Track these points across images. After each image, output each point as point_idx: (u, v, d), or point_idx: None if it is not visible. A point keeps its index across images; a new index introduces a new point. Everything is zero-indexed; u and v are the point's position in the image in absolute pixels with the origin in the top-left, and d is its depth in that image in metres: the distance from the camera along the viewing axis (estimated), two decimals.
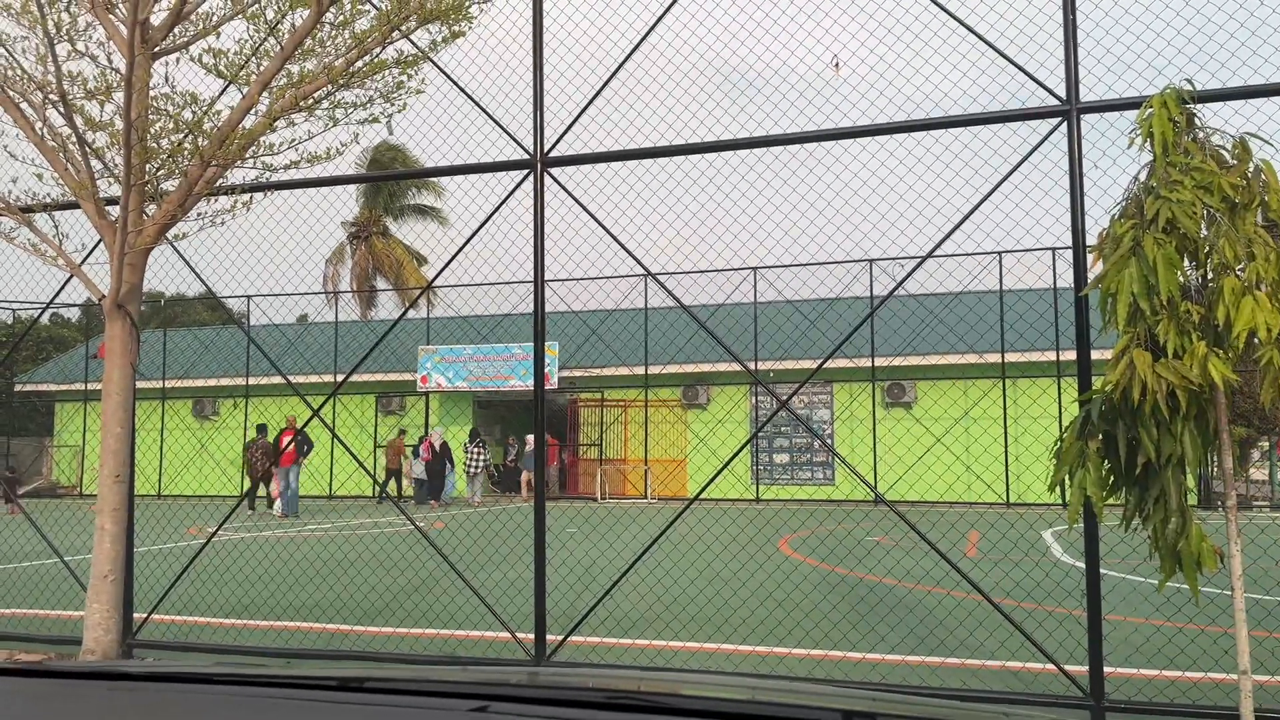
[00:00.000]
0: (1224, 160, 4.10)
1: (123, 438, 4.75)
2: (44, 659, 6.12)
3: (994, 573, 9.43)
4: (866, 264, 21.32)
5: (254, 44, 5.05)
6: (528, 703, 1.13)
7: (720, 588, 8.69)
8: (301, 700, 1.16)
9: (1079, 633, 5.99)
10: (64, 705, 1.20)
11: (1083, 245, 5.18)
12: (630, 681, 1.38)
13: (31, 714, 1.16)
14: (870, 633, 6.79)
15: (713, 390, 24.77)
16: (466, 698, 1.12)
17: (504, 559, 10.51)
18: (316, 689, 1.21)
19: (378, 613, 7.75)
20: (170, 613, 7.48)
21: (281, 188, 6.07)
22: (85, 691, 1.26)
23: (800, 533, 14.78)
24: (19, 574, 10.07)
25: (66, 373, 29.00)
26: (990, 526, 14.88)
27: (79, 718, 1.15)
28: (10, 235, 4.84)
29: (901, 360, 22.75)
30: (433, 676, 1.27)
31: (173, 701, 1.19)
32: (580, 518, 17.66)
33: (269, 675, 1.31)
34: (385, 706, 1.14)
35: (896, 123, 5.69)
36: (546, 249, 6.14)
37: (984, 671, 5.75)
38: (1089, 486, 4.02)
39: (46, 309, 8.42)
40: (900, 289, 6.52)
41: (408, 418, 26.55)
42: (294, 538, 14.25)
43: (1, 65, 4.59)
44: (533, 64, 6.05)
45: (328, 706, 1.13)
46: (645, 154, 6.08)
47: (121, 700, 1.21)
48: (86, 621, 4.88)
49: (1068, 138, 5.28)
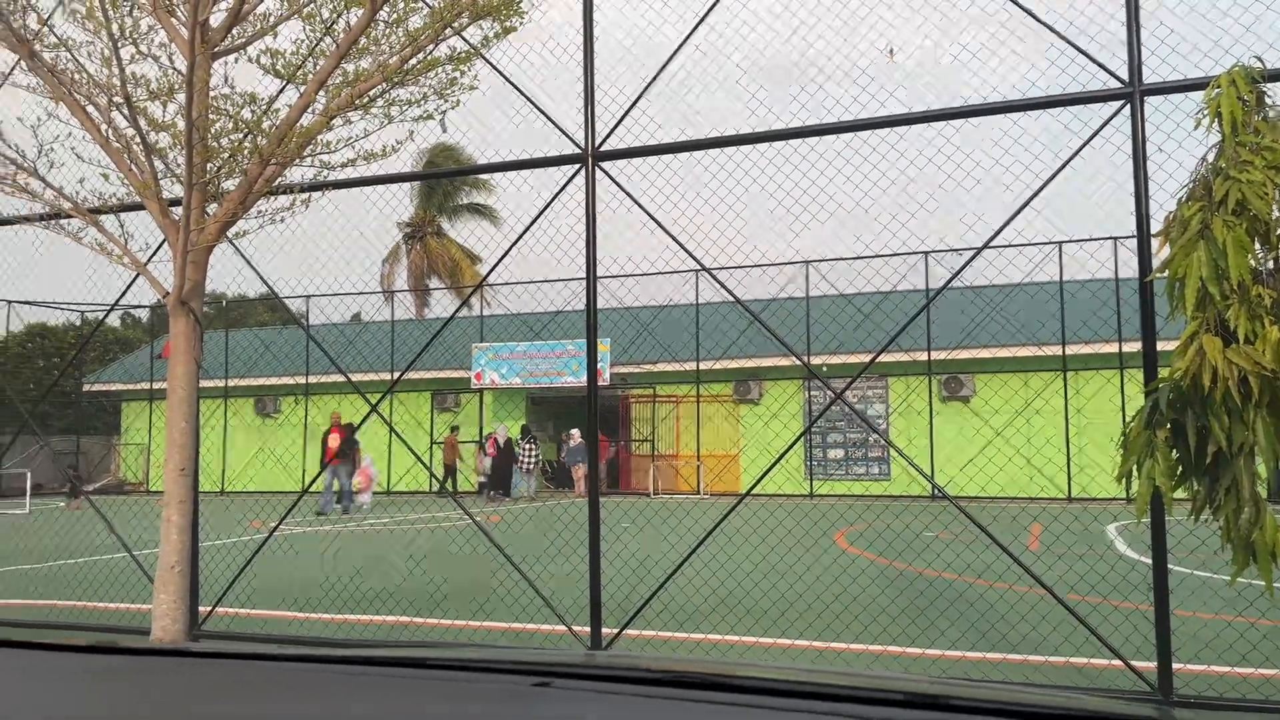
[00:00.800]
0: None
1: (188, 432, 4.86)
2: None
3: (1056, 567, 9.25)
4: (922, 256, 21.04)
5: (310, 44, 5.13)
6: (590, 679, 1.13)
7: (776, 581, 8.64)
8: (367, 677, 1.17)
9: (1145, 627, 5.85)
10: (135, 679, 1.22)
11: (1147, 230, 5.05)
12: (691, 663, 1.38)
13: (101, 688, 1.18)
14: (930, 627, 6.70)
15: (765, 385, 24.64)
16: (529, 674, 1.12)
17: (559, 552, 10.56)
18: (382, 665, 1.22)
19: (436, 605, 7.84)
20: (235, 605, 7.64)
21: (339, 186, 6.16)
22: (155, 666, 1.29)
23: (856, 527, 14.64)
24: (89, 568, 10.36)
25: (132, 373, 29.79)
26: (1052, 520, 14.60)
27: (149, 691, 1.17)
28: (79, 235, 4.97)
29: (959, 353, 22.41)
30: (495, 656, 1.28)
31: (240, 676, 1.21)
32: (633, 512, 17.69)
33: (334, 654, 1.33)
34: (449, 682, 1.14)
35: (953, 108, 5.59)
36: (597, 244, 6.15)
37: (1047, 667, 5.64)
38: (1158, 476, 3.91)
39: (112, 310, 8.63)
40: (957, 280, 6.42)
41: (463, 414, 26.82)
42: (354, 532, 14.47)
43: (69, 69, 4.71)
44: (583, 58, 6.07)
45: (393, 682, 1.13)
46: (697, 145, 6.05)
47: (190, 675, 1.23)
48: (154, 612, 4.99)
49: (1131, 121, 5.15)
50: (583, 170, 6.09)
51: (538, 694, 1.06)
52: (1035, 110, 5.52)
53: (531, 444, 23.38)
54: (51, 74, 4.69)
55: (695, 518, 15.39)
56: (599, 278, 6.21)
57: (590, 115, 6.05)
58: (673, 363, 24.83)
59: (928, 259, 21.16)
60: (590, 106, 6.06)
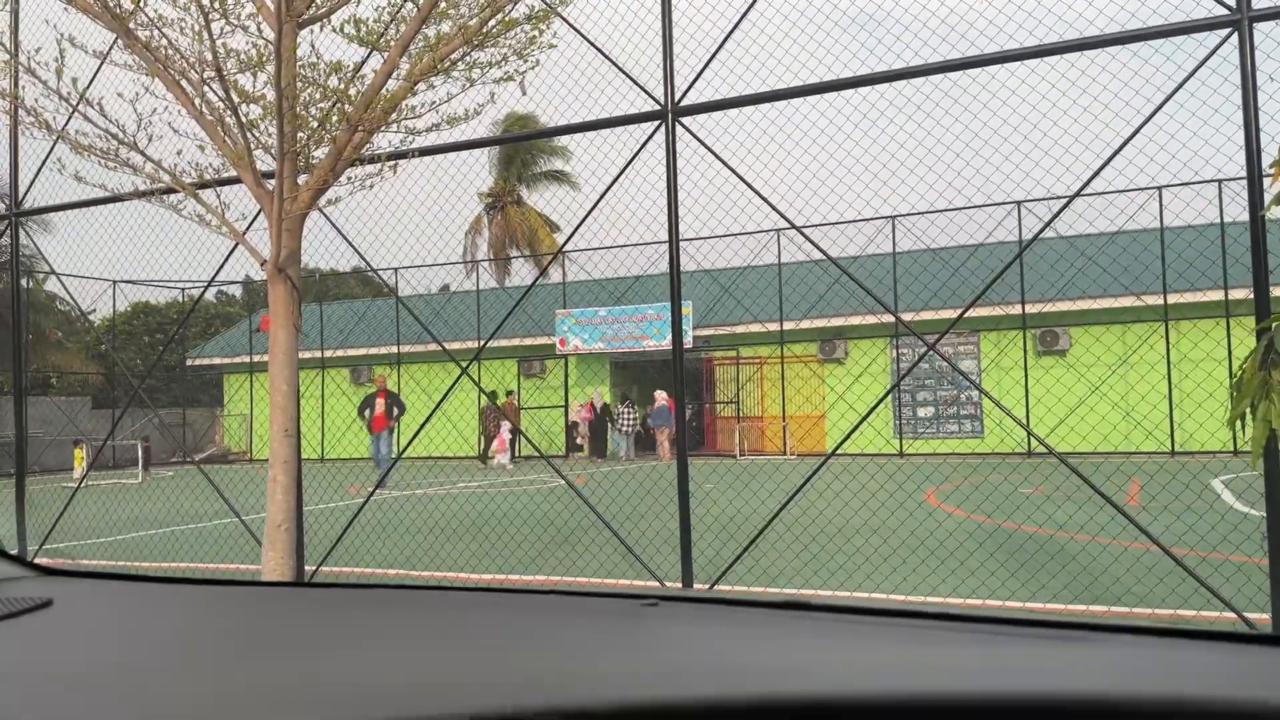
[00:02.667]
0: None
1: (289, 394, 5.01)
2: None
3: (1162, 517, 8.97)
4: (1014, 206, 20.42)
5: (391, 10, 5.18)
6: (698, 602, 1.14)
7: (869, 536, 8.57)
8: (482, 601, 1.20)
9: (1259, 578, 5.64)
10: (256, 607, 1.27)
11: (1258, 165, 4.79)
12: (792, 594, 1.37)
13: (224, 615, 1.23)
14: (1030, 580, 6.57)
15: (850, 344, 24.32)
16: (637, 598, 1.13)
17: (648, 510, 10.65)
18: (495, 592, 1.25)
19: (530, 561, 7.99)
20: (339, 565, 7.91)
21: (424, 154, 6.23)
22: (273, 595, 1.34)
23: (948, 485, 14.41)
24: (200, 533, 10.83)
25: (233, 346, 30.88)
26: (1158, 471, 14.14)
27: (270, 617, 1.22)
28: (179, 207, 5.15)
29: (1054, 306, 21.74)
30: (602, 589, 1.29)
31: (361, 601, 1.24)
32: (721, 471, 17.71)
33: (445, 586, 1.36)
34: (558, 604, 1.16)
35: (1046, 45, 5.37)
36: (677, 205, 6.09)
37: (1153, 619, 5.49)
38: (1274, 419, 3.74)
39: (210, 284, 8.93)
40: (1051, 230, 6.21)
41: (549, 379, 27.14)
42: (445, 495, 14.82)
43: (162, 45, 4.85)
44: (661, 10, 5.99)
45: (509, 602, 1.16)
46: (778, 96, 5.93)
47: (308, 601, 1.27)
48: (264, 569, 5.19)
49: (1239, 49, 4.87)
50: (662, 127, 6.04)
51: (647, 611, 1.07)
52: (1136, 43, 5.26)
53: (629, 408, 24.71)
54: (147, 50, 4.83)
55: (783, 475, 15.34)
56: (681, 240, 6.15)
57: (669, 69, 5.99)
58: (755, 323, 24.66)
59: (1020, 208, 20.52)
60: (669, 60, 5.99)
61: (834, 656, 0.90)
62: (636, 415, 24.88)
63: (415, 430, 7.32)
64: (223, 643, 1.08)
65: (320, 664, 0.95)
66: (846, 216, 17.02)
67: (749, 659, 0.89)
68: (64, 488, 14.93)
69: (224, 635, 1.12)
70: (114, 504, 14.12)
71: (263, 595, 1.35)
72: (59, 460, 24.55)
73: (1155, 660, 0.85)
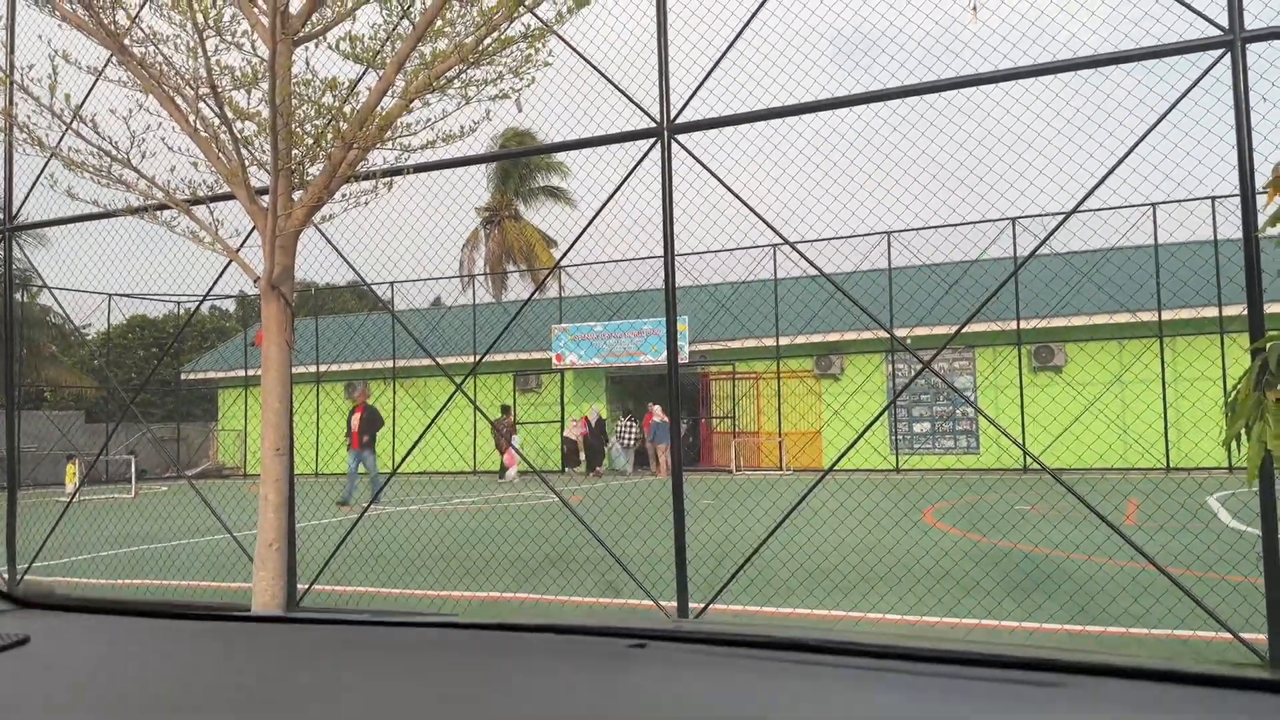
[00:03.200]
0: None
1: (282, 412, 4.98)
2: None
3: (1158, 537, 8.94)
4: (1009, 223, 20.47)
5: (387, 28, 5.18)
6: (687, 642, 1.11)
7: (865, 555, 8.54)
8: (464, 639, 1.17)
9: (1255, 599, 5.61)
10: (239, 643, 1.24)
11: (1251, 184, 4.80)
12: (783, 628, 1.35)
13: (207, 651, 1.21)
14: (1025, 600, 6.53)
15: (846, 360, 24.32)
16: (626, 636, 1.10)
17: (643, 528, 10.60)
18: (478, 629, 1.22)
19: (525, 579, 7.94)
20: (331, 583, 7.86)
21: (419, 170, 6.22)
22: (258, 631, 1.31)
23: (944, 502, 14.38)
24: (192, 549, 10.76)
25: (227, 360, 30.82)
26: (1153, 489, 14.12)
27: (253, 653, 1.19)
28: (172, 224, 5.13)
29: (1049, 322, 21.77)
30: (587, 623, 1.27)
31: (340, 639, 1.22)
32: (716, 487, 17.66)
33: (431, 619, 1.33)
34: (545, 644, 1.14)
35: (1041, 64, 5.37)
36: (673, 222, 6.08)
37: (1150, 640, 5.46)
38: (1269, 439, 3.72)
39: (205, 299, 8.90)
40: (1045, 247, 6.20)
41: (544, 394, 27.11)
42: (440, 511, 14.75)
43: (157, 62, 4.85)
44: (656, 28, 6.00)
45: (490, 643, 1.13)
46: (773, 114, 5.93)
47: (291, 638, 1.25)
48: (254, 589, 5.15)
49: (1232, 70, 4.88)
50: (658, 144, 6.04)
51: (634, 655, 1.05)
52: (1130, 63, 5.27)
53: (630, 422, 25.16)
54: (141, 67, 4.82)
55: (779, 493, 15.30)
56: (677, 255, 6.15)
57: (665, 87, 5.99)
58: (751, 339, 24.67)
59: (1015, 225, 20.58)
60: (665, 79, 5.99)
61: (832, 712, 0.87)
62: (636, 429, 25.01)
63: (410, 446, 7.28)
64: (205, 685, 1.05)
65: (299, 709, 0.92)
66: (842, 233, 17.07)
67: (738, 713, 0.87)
68: (56, 502, 14.85)
69: (207, 677, 1.09)
70: (106, 519, 14.05)
71: (247, 632, 1.32)
72: (52, 475, 24.45)
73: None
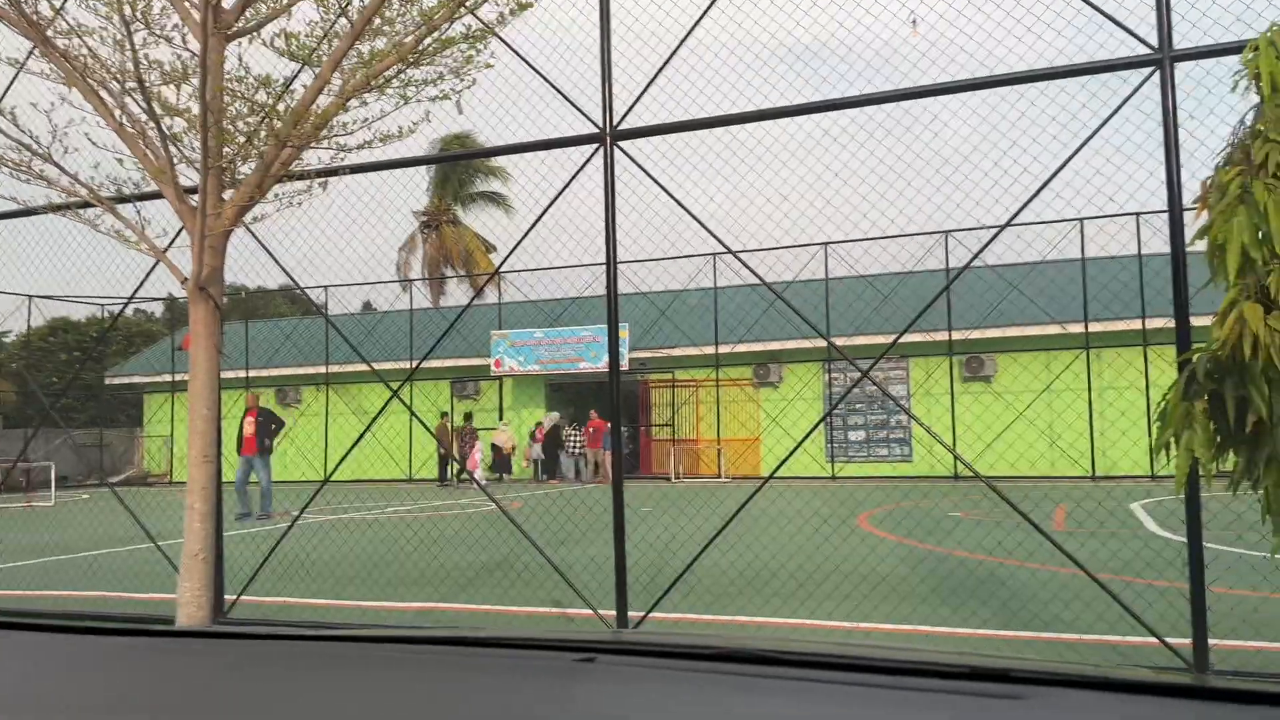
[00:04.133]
0: None
1: (209, 419, 4.83)
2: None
3: (1088, 544, 9.14)
4: (942, 236, 20.84)
5: (324, 25, 5.07)
6: (634, 654, 1.07)
7: (802, 562, 8.58)
8: (398, 654, 1.11)
9: (1180, 604, 5.74)
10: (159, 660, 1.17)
11: (1179, 200, 4.92)
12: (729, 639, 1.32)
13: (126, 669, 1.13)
14: (960, 607, 6.61)
15: (785, 368, 24.52)
16: (571, 650, 1.06)
17: (582, 535, 10.52)
18: (411, 643, 1.17)
19: (461, 589, 7.82)
20: (260, 594, 7.64)
21: (355, 170, 6.09)
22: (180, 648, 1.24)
23: (879, 509, 14.55)
24: (113, 559, 10.41)
25: (154, 365, 29.97)
26: (1082, 497, 14.45)
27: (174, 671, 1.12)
28: (95, 223, 4.95)
29: (980, 333, 22.21)
30: (534, 634, 1.22)
31: (268, 655, 1.15)
32: (656, 495, 17.65)
33: (362, 634, 1.27)
34: (490, 660, 1.09)
35: (977, 79, 5.46)
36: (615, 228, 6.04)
37: (1081, 645, 5.56)
38: (1196, 448, 3.81)
39: (130, 301, 8.63)
40: (979, 260, 6.30)
41: (483, 401, 26.86)
42: (375, 519, 14.49)
43: (81, 55, 4.67)
44: (600, 33, 5.97)
45: (427, 658, 1.08)
46: (715, 123, 5.94)
47: (216, 654, 1.18)
48: (179, 600, 4.98)
49: (1161, 88, 5.01)
50: (600, 150, 6.00)
51: (581, 670, 1.00)
52: (1062, 79, 5.38)
53: (575, 430, 25.08)
54: (64, 59, 4.65)
55: (718, 501, 15.34)
56: (619, 262, 6.11)
57: (608, 93, 5.96)
58: (691, 347, 24.74)
59: (948, 238, 20.96)
60: (608, 84, 5.96)
61: None
62: (582, 438, 24.95)
63: (345, 453, 7.12)
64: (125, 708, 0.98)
65: None
66: (782, 242, 17.24)
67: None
68: None
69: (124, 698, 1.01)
70: (21, 528, 13.53)
71: (168, 649, 1.24)
72: None
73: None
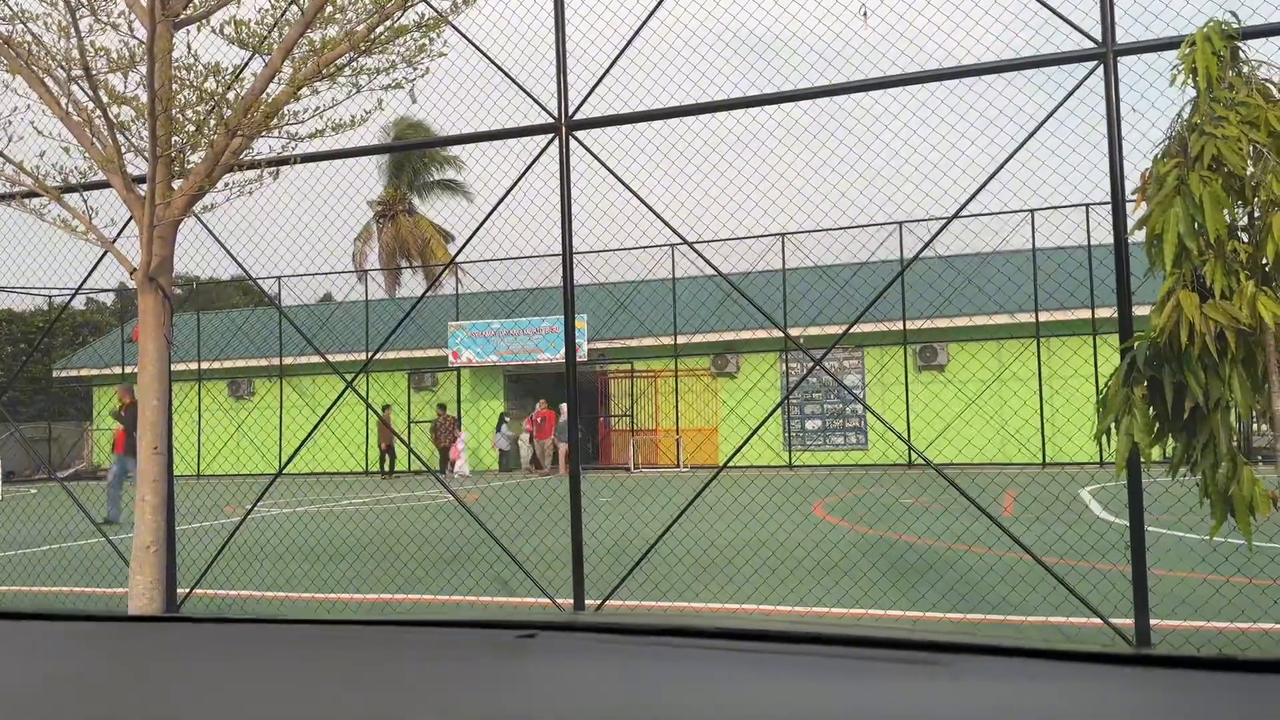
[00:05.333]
0: (1271, 95, 3.97)
1: (159, 410, 4.78)
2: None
3: (1034, 528, 9.34)
4: (896, 227, 21.07)
5: (275, 13, 5.02)
6: (576, 630, 1.10)
7: (758, 549, 8.67)
8: (349, 636, 1.14)
9: (1123, 586, 5.91)
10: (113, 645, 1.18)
11: (1121, 191, 5.05)
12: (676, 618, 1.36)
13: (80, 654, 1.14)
14: (910, 590, 6.74)
15: (742, 358, 24.68)
16: (514, 628, 1.09)
17: (540, 526, 10.54)
18: (364, 625, 1.19)
19: (417, 581, 7.81)
20: (213, 588, 7.57)
21: (307, 160, 6.04)
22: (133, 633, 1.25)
23: (833, 497, 14.72)
24: (63, 554, 10.24)
25: (103, 357, 29.40)
26: (1030, 483, 14.73)
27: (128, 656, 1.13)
28: (41, 212, 4.86)
29: (933, 323, 22.53)
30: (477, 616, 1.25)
31: (220, 639, 1.17)
32: (614, 485, 17.69)
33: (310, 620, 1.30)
34: (433, 638, 1.11)
35: (927, 71, 5.55)
36: (571, 218, 6.06)
37: (1027, 627, 5.70)
38: (1136, 433, 3.93)
39: (78, 292, 8.48)
40: (930, 250, 6.43)
41: (440, 393, 26.70)
42: (330, 512, 14.39)
43: (25, 40, 4.58)
44: (555, 23, 5.97)
45: (375, 639, 1.10)
46: (671, 113, 5.97)
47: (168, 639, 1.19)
48: (131, 593, 4.93)
49: (1104, 81, 5.13)
50: (556, 140, 6.01)
51: (523, 646, 1.03)
52: (1009, 72, 5.48)
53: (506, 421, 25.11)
54: (7, 45, 4.55)
55: (676, 489, 15.42)
56: (575, 253, 6.13)
57: (563, 83, 5.96)
58: (649, 338, 24.81)
59: (902, 229, 21.21)
60: (563, 74, 5.96)
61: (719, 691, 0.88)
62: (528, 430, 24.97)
63: (298, 445, 7.07)
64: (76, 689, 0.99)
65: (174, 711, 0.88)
66: (738, 233, 17.35)
67: (633, 701, 0.86)
68: None
69: (78, 679, 1.03)
70: None
71: (122, 632, 1.26)
72: None
73: (1024, 690, 0.86)
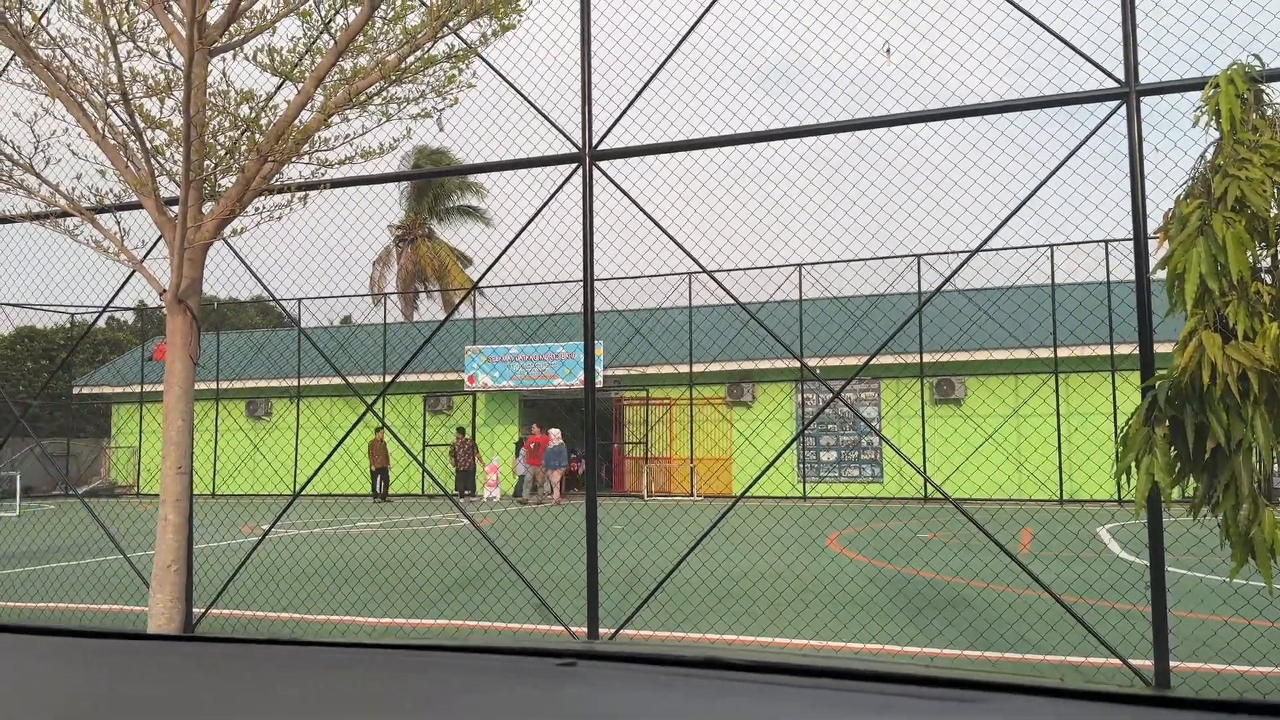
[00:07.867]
0: None
1: (184, 429, 4.83)
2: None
3: (1053, 566, 9.26)
4: (914, 259, 21.09)
5: (307, 41, 5.11)
6: (617, 660, 1.12)
7: (773, 581, 8.64)
8: (379, 660, 1.15)
9: (1143, 626, 5.86)
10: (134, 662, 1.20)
11: (1143, 229, 5.06)
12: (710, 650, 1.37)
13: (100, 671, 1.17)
14: (927, 627, 6.70)
15: (757, 388, 24.65)
16: (554, 656, 1.11)
17: (555, 553, 10.53)
18: (392, 649, 1.21)
19: (432, 605, 7.81)
20: (229, 607, 7.60)
21: (336, 185, 6.13)
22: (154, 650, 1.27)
23: (849, 529, 14.65)
24: (81, 570, 10.29)
25: (123, 375, 29.64)
26: (1048, 520, 14.63)
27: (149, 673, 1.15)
28: (74, 233, 4.95)
29: (951, 356, 22.46)
30: (511, 643, 1.27)
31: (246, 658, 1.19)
32: (629, 513, 17.66)
33: (338, 641, 1.31)
34: (473, 664, 1.13)
35: (950, 108, 5.60)
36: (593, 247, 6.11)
37: (1044, 666, 5.65)
38: (1157, 472, 3.92)
39: (105, 311, 8.58)
40: (949, 284, 6.43)
41: (455, 416, 26.77)
42: (347, 534, 14.41)
43: (64, 66, 4.69)
44: (581, 55, 6.05)
45: (408, 663, 1.12)
46: (695, 145, 6.03)
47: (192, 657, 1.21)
48: (150, 612, 4.96)
49: (1127, 120, 5.16)
50: (579, 170, 6.07)
51: (565, 672, 1.05)
52: (1032, 110, 5.52)
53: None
54: (47, 70, 4.66)
55: (690, 519, 15.38)
56: (596, 280, 6.18)
57: (588, 114, 6.04)
58: (665, 365, 24.82)
59: (920, 262, 21.21)
60: (588, 105, 6.04)
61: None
62: None
63: (318, 467, 7.11)
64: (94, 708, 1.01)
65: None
66: (757, 263, 17.39)
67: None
68: None
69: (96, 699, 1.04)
70: None
71: (142, 651, 1.27)
72: None
73: None
